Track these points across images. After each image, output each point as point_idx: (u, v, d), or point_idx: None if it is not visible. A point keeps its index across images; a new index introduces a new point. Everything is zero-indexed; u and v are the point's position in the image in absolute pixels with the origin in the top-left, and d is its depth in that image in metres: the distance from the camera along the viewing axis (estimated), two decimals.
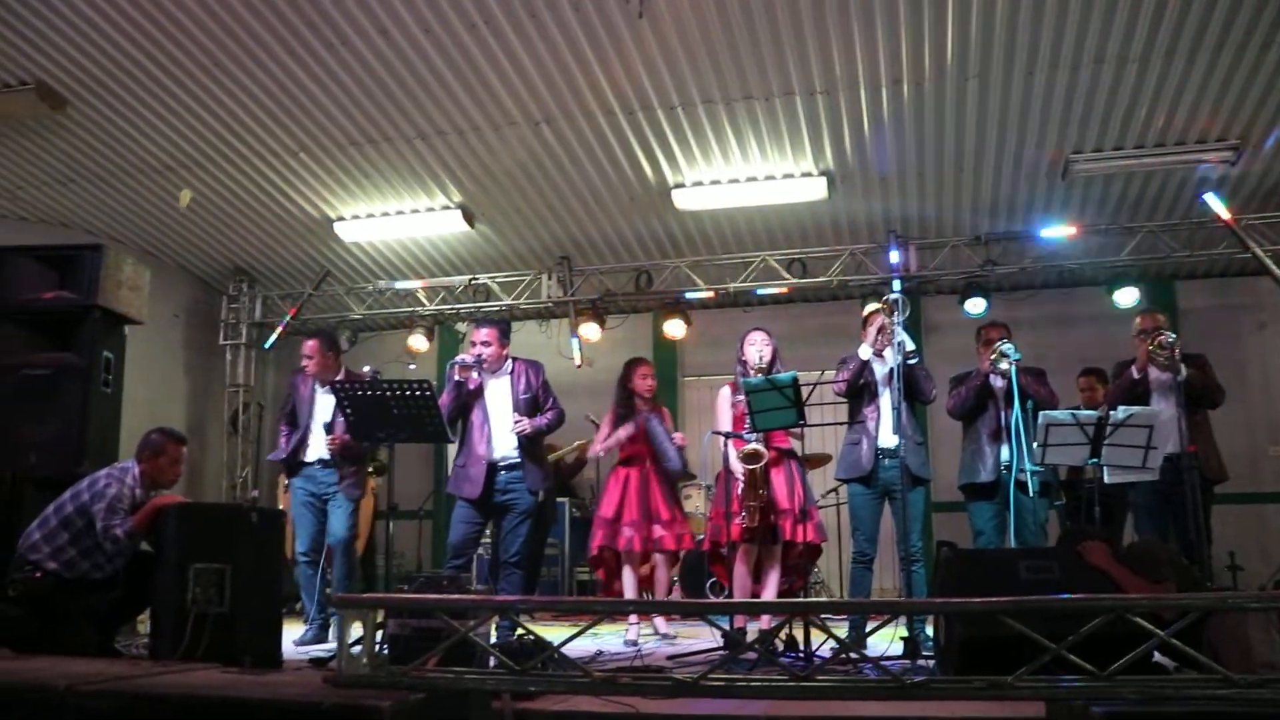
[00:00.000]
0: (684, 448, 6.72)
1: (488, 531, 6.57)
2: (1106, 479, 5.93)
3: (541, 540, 6.64)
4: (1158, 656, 3.33)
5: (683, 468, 6.71)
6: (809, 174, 8.44)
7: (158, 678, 3.32)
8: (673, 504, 6.75)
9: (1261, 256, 8.57)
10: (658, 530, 6.56)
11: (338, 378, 6.42)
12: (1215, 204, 8.36)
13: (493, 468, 5.89)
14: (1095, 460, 5.54)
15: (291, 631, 6.09)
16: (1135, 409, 5.56)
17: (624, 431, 6.73)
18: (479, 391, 5.99)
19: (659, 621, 6.81)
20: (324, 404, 6.56)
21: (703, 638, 6.22)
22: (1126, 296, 9.27)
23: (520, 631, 5.07)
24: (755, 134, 7.85)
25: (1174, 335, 5.96)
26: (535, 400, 6.05)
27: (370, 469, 7.50)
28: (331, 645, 6.14)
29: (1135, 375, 6.18)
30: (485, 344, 5.99)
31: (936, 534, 9.31)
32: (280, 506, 9.37)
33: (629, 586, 6.61)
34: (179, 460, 5.31)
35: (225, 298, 11.05)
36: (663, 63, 6.96)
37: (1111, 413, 5.54)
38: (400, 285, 10.70)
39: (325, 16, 6.49)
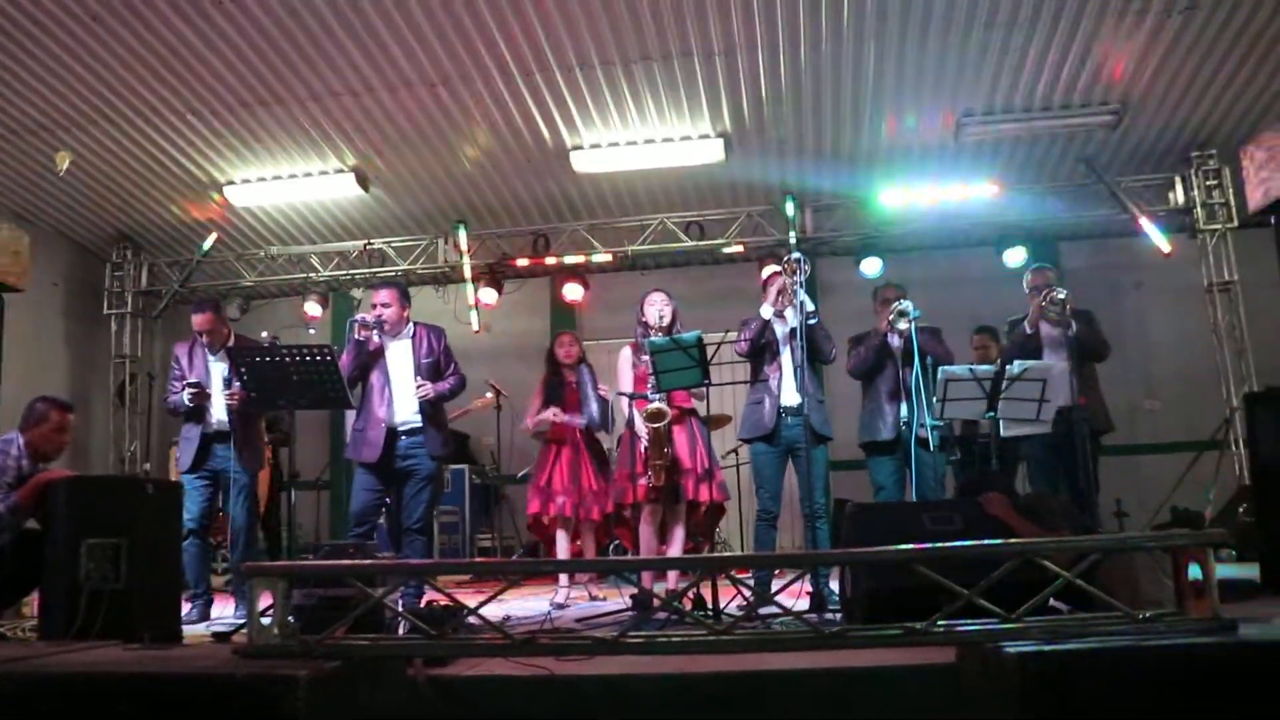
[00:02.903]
0: (607, 401, 6.84)
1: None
2: (1002, 432, 6.09)
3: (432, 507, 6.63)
4: (1052, 601, 3.46)
5: (601, 423, 6.84)
6: (706, 136, 8.48)
7: (56, 657, 3.19)
8: (601, 475, 6.93)
9: (1140, 217, 8.91)
10: (587, 500, 6.78)
11: (229, 344, 6.29)
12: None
13: (393, 433, 5.78)
14: (992, 414, 5.69)
15: None
16: (1030, 363, 5.73)
17: (551, 414, 6.90)
18: (379, 354, 5.86)
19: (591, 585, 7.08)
20: (219, 370, 6.37)
21: (614, 599, 6.26)
22: (1015, 256, 9.55)
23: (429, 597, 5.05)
24: (653, 96, 7.84)
25: (1065, 291, 6.11)
26: (437, 365, 5.95)
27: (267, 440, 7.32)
28: (222, 620, 6.03)
29: (1028, 330, 6.34)
30: (385, 305, 5.85)
31: (835, 492, 9.48)
32: (174, 478, 9.10)
33: (562, 550, 6.81)
34: (65, 429, 5.13)
35: (109, 265, 10.65)
36: (560, 22, 6.89)
37: (1007, 367, 5.70)
38: (293, 250, 10.45)
39: None
